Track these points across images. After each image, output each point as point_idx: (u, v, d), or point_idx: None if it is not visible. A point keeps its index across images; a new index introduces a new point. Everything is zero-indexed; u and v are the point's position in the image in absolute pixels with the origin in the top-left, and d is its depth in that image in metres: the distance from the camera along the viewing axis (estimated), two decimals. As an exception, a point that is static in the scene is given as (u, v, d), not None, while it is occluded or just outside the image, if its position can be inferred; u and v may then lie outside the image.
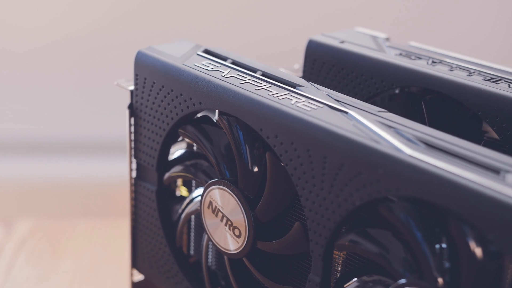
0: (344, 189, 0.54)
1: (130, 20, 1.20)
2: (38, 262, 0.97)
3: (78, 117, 1.25)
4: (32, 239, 1.03)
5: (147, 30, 1.20)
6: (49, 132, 1.25)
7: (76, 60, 1.22)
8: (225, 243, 0.65)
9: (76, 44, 1.21)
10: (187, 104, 0.65)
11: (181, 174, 0.71)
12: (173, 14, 1.22)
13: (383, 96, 0.72)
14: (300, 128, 0.56)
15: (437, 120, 0.67)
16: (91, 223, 1.08)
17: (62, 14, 1.20)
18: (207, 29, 1.22)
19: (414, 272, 0.52)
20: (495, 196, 0.45)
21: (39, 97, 1.24)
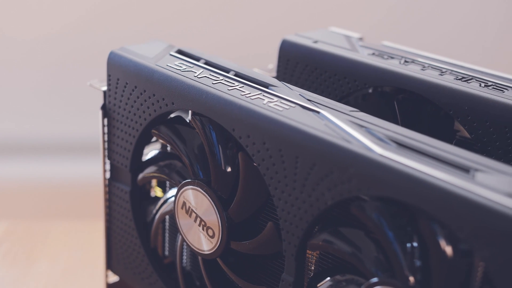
0: (316, 188, 0.54)
1: (103, 20, 1.20)
2: (13, 265, 0.96)
3: (52, 118, 1.24)
4: (7, 241, 1.03)
5: (121, 30, 1.19)
6: (23, 133, 1.24)
7: (49, 61, 1.21)
8: (199, 243, 0.65)
9: (49, 44, 1.20)
10: (159, 105, 0.65)
11: (155, 175, 0.71)
12: (148, 15, 1.21)
13: (356, 96, 0.72)
14: (272, 128, 0.56)
15: (410, 119, 0.68)
16: (67, 225, 1.07)
17: (35, 15, 1.20)
18: (182, 30, 1.22)
19: (386, 271, 0.52)
20: (464, 194, 0.45)
21: (12, 98, 1.23)
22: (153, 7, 1.21)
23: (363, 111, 0.59)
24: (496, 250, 0.44)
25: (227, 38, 1.23)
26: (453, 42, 1.27)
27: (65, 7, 1.19)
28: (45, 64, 1.22)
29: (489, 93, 0.63)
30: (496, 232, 0.44)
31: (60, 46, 1.20)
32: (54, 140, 1.24)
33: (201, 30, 1.23)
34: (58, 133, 1.24)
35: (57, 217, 1.18)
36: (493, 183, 0.47)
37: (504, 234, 0.44)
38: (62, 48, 1.20)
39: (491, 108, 0.61)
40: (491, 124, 0.61)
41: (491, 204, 0.44)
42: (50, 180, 1.24)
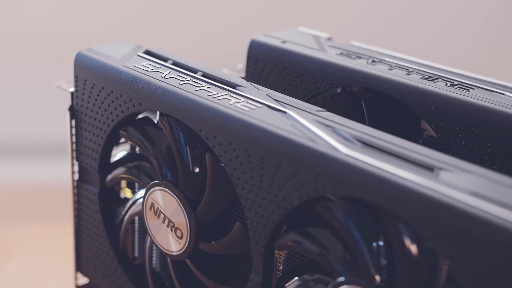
0: (283, 188, 0.54)
1: (71, 20, 1.19)
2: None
3: (20, 119, 1.23)
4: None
5: (89, 31, 1.19)
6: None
7: (16, 62, 1.20)
8: (167, 244, 0.65)
9: (16, 45, 1.19)
10: (127, 106, 0.65)
11: (124, 176, 0.71)
12: (117, 15, 1.21)
13: (325, 96, 0.73)
14: (238, 128, 0.56)
15: (377, 119, 0.68)
16: (37, 227, 1.07)
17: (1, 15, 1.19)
18: (153, 31, 1.22)
19: (352, 270, 0.52)
20: (428, 193, 0.46)
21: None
22: (120, 7, 1.20)
23: (332, 111, 0.59)
24: (459, 249, 0.45)
25: (200, 38, 1.23)
26: (423, 43, 1.28)
27: (31, 7, 1.18)
28: (12, 65, 1.21)
29: (455, 92, 0.63)
30: (460, 231, 0.44)
31: (27, 47, 1.19)
32: (21, 142, 1.23)
33: (172, 31, 1.23)
34: (26, 135, 1.23)
35: (27, 219, 1.17)
36: (456, 181, 0.47)
37: (467, 232, 0.44)
38: (30, 49, 1.19)
39: (456, 107, 0.62)
40: (457, 123, 0.62)
41: (454, 203, 0.45)
42: (19, 182, 1.23)
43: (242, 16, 1.24)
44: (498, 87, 0.65)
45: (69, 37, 1.18)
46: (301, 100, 0.68)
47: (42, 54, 1.19)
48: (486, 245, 0.43)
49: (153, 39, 1.21)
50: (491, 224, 0.43)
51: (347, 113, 0.67)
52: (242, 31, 1.21)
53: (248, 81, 0.64)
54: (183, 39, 1.22)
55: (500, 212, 0.43)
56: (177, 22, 1.23)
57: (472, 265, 0.44)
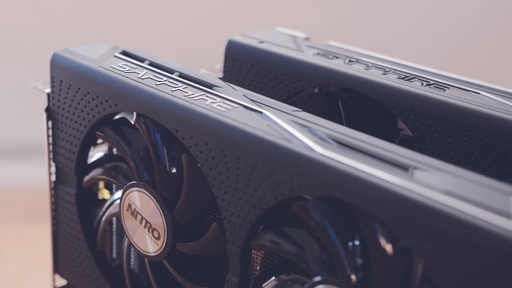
0: (259, 188, 0.54)
1: (48, 21, 1.18)
2: (-41, 270, 0.95)
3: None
4: (-46, 246, 1.01)
5: (65, 31, 1.18)
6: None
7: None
8: (144, 245, 0.64)
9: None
10: (103, 106, 0.65)
11: (101, 177, 0.71)
12: (95, 15, 1.20)
13: (302, 96, 0.73)
14: (214, 128, 0.56)
15: (354, 119, 0.68)
16: (15, 229, 1.06)
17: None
18: (132, 31, 1.21)
19: (328, 270, 0.52)
20: (402, 193, 0.46)
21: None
22: (98, 7, 1.19)
23: (309, 111, 0.59)
24: (434, 248, 0.45)
25: (180, 37, 1.23)
26: (401, 43, 1.28)
27: (5, 6, 1.17)
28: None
29: (431, 92, 0.63)
30: (434, 230, 0.45)
31: (2, 47, 1.18)
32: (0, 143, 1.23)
33: (153, 31, 1.22)
34: (2, 136, 1.22)
35: (3, 221, 1.16)
36: (431, 181, 0.47)
37: (441, 231, 0.44)
38: (5, 49, 1.18)
39: (432, 106, 0.62)
40: (433, 122, 0.62)
41: (428, 202, 0.45)
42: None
43: (224, 15, 1.24)
44: (474, 87, 0.65)
45: (45, 38, 1.17)
46: (279, 100, 0.69)
47: (17, 54, 1.18)
48: (459, 243, 0.43)
49: (132, 39, 1.21)
50: (465, 223, 0.43)
51: (325, 113, 0.67)
52: (224, 30, 1.21)
53: (226, 81, 0.64)
54: (163, 39, 1.22)
55: (473, 211, 0.44)
56: (158, 22, 1.22)
57: (447, 263, 0.45)
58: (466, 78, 0.67)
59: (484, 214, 0.43)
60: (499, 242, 0.42)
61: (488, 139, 0.60)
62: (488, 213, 0.43)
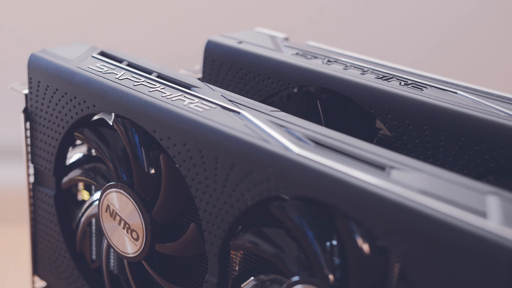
0: (236, 189, 0.54)
1: (25, 21, 1.18)
2: None
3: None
4: None
5: (44, 31, 1.17)
6: None
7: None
8: (123, 246, 0.64)
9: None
10: (81, 107, 0.64)
11: (79, 178, 0.70)
12: (74, 16, 1.20)
13: (281, 96, 0.73)
14: (192, 129, 0.56)
15: (333, 119, 0.68)
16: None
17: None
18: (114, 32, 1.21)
19: (306, 270, 0.52)
20: (378, 192, 0.46)
21: None
22: (77, 8, 1.19)
23: (288, 111, 0.59)
24: (410, 247, 0.45)
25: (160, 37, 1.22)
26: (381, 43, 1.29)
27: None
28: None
29: (408, 92, 0.64)
30: (410, 229, 0.45)
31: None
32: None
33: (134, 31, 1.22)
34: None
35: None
36: (407, 180, 0.47)
37: (417, 230, 0.44)
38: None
39: (409, 106, 0.62)
40: (410, 122, 0.62)
41: (404, 201, 0.45)
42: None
43: (207, 14, 1.24)
44: (451, 86, 0.66)
45: (23, 38, 1.17)
46: (258, 100, 0.69)
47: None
48: (435, 243, 0.44)
49: (113, 40, 1.20)
50: (440, 222, 0.43)
51: (304, 113, 0.67)
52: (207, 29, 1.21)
53: (205, 81, 0.64)
54: (145, 39, 1.21)
55: (449, 210, 0.44)
56: (140, 22, 1.22)
57: (423, 263, 0.45)
58: (443, 77, 0.67)
59: (459, 213, 0.44)
60: (474, 241, 0.42)
61: (465, 138, 0.60)
62: (464, 212, 0.44)
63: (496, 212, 0.44)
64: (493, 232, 0.42)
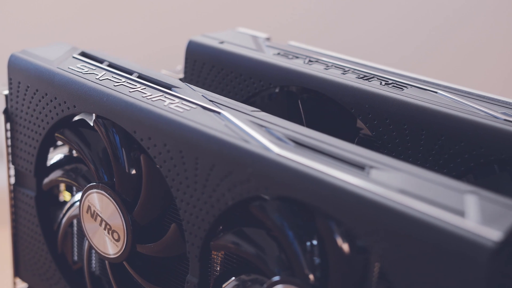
0: (217, 189, 0.54)
1: (5, 22, 1.17)
2: None
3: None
4: None
5: (24, 32, 1.17)
6: None
7: None
8: (104, 247, 0.64)
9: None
10: (61, 108, 0.64)
11: (60, 179, 0.70)
12: (55, 16, 1.19)
13: (263, 96, 0.73)
14: (172, 129, 0.56)
15: (314, 118, 0.68)
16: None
17: None
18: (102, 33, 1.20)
19: (287, 270, 0.52)
20: (358, 192, 0.46)
21: None
22: (59, 8, 1.19)
23: (269, 111, 0.59)
24: (389, 246, 0.45)
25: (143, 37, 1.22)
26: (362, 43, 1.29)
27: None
28: None
29: (389, 91, 0.64)
30: (389, 228, 0.45)
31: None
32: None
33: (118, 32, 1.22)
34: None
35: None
36: (386, 179, 0.47)
37: (396, 230, 0.44)
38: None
39: (390, 106, 0.63)
40: (391, 121, 0.63)
41: (383, 201, 0.45)
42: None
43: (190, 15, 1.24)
44: (431, 86, 0.66)
45: (2, 39, 1.16)
46: (239, 100, 0.69)
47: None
48: (414, 242, 0.44)
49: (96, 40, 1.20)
50: (419, 221, 0.43)
51: (285, 113, 0.67)
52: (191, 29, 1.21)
53: (186, 82, 0.64)
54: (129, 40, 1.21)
55: (427, 210, 0.44)
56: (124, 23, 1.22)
57: (403, 262, 0.45)
58: (424, 77, 0.68)
59: (438, 212, 0.44)
60: (452, 240, 0.42)
61: (445, 137, 0.60)
62: (442, 212, 0.44)
63: (474, 211, 0.44)
64: (471, 231, 0.42)
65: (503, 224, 0.43)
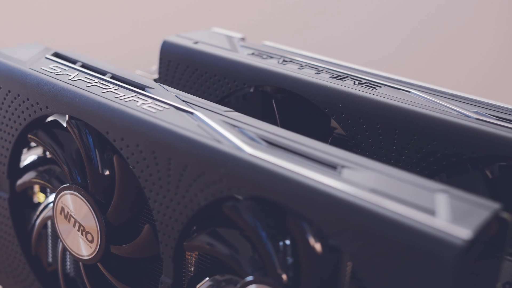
0: (189, 189, 0.54)
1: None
2: None
3: None
4: None
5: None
6: None
7: None
8: (78, 248, 0.64)
9: None
10: (34, 109, 0.64)
11: (34, 181, 0.69)
12: (30, 16, 1.18)
13: (237, 96, 0.73)
14: (144, 130, 0.55)
15: (289, 118, 0.69)
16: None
17: None
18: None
19: (260, 269, 0.52)
20: (329, 191, 0.46)
21: None
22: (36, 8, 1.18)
23: (244, 111, 0.59)
24: (361, 245, 0.45)
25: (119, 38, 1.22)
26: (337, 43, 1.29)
27: None
28: None
29: (362, 91, 0.64)
30: (360, 228, 0.45)
31: None
32: None
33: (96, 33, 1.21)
34: None
35: None
36: (358, 179, 0.48)
37: (367, 229, 0.45)
38: None
39: (363, 105, 0.63)
40: (364, 121, 0.63)
41: (354, 200, 0.45)
42: None
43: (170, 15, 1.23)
44: (405, 85, 0.66)
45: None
46: (214, 100, 0.69)
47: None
48: (385, 240, 0.44)
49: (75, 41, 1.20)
50: (389, 220, 0.44)
51: (259, 113, 0.67)
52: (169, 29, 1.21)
53: (161, 82, 0.64)
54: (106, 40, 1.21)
55: (398, 209, 0.44)
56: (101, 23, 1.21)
57: (374, 261, 0.45)
58: (397, 76, 0.68)
59: (408, 211, 0.44)
60: (422, 238, 0.42)
61: (418, 136, 0.60)
62: (412, 210, 0.44)
63: (444, 210, 0.44)
64: (440, 229, 0.42)
65: (473, 222, 0.43)
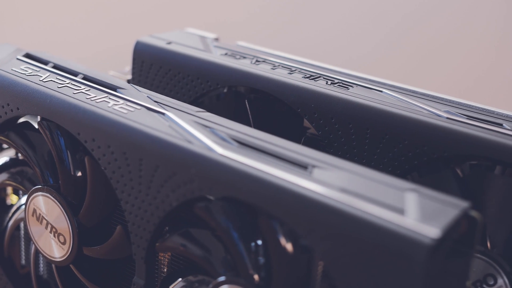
0: (161, 190, 0.53)
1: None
2: None
3: None
4: None
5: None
6: None
7: None
8: (50, 250, 0.63)
9: None
10: (5, 110, 0.63)
11: (6, 183, 0.69)
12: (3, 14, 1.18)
13: (211, 96, 0.73)
14: (115, 131, 0.55)
15: (262, 119, 0.69)
16: None
17: None
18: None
19: (232, 270, 0.52)
20: (299, 191, 0.46)
21: None
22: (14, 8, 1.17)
23: (217, 112, 0.59)
24: (331, 245, 0.45)
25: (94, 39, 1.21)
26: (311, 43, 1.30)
27: None
28: None
29: (334, 91, 0.64)
30: (330, 227, 0.45)
31: None
32: None
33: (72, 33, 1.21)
34: None
35: None
36: (328, 179, 0.48)
37: (337, 228, 0.45)
38: None
39: (335, 105, 0.63)
40: (336, 120, 0.63)
41: (324, 200, 0.45)
42: None
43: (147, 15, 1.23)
44: (377, 85, 0.66)
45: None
46: (187, 101, 0.68)
47: None
48: (354, 240, 0.44)
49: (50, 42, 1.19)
50: (358, 220, 0.44)
51: (233, 113, 0.67)
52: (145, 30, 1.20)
53: (135, 83, 0.64)
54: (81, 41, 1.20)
55: (368, 208, 0.44)
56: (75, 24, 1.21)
57: (344, 260, 0.45)
58: (369, 76, 0.68)
59: (377, 210, 0.44)
60: (391, 238, 0.42)
61: (389, 136, 0.61)
62: (382, 210, 0.44)
63: (414, 209, 0.44)
64: (409, 228, 0.42)
65: (442, 221, 0.43)
